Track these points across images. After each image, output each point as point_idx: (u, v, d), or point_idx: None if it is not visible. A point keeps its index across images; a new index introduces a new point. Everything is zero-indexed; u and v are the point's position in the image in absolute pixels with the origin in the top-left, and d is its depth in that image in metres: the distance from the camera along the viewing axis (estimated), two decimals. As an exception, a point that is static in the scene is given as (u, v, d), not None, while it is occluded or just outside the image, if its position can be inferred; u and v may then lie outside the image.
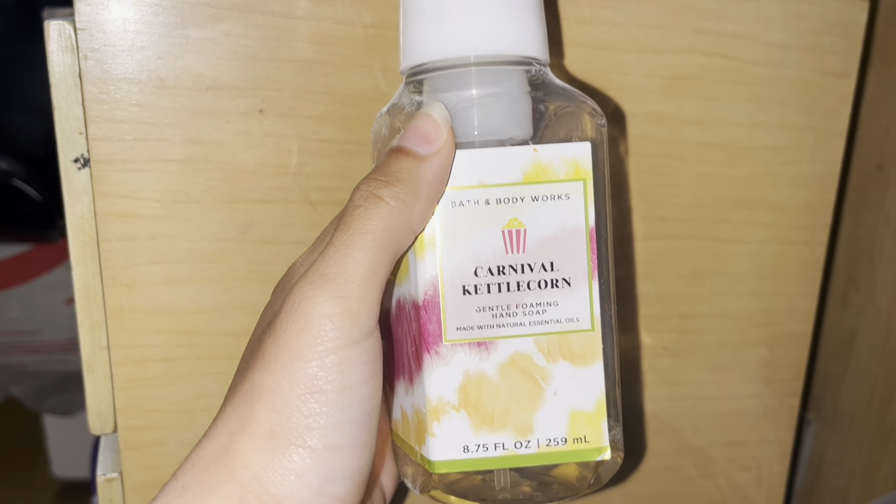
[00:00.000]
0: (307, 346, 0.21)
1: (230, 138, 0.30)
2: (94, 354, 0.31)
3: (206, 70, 0.29)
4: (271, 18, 0.29)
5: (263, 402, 0.21)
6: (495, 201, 0.24)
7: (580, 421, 0.24)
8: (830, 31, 0.35)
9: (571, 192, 0.24)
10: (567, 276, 0.24)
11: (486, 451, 0.24)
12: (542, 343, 0.24)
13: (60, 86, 0.29)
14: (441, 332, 0.24)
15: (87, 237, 0.30)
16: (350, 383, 0.21)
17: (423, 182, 0.23)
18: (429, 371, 0.24)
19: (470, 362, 0.24)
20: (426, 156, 0.23)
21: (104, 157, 0.29)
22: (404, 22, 0.25)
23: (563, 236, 0.24)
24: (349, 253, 0.22)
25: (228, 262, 0.31)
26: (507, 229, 0.24)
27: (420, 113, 0.24)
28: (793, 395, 0.40)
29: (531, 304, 0.24)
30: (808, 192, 0.37)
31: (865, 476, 0.45)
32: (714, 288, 0.37)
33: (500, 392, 0.24)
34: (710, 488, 0.39)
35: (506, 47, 0.24)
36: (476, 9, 0.24)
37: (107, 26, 0.28)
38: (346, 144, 0.31)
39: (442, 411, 0.24)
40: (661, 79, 0.34)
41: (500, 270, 0.24)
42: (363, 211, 0.22)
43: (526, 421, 0.24)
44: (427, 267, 0.24)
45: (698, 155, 0.35)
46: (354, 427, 0.22)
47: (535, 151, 0.24)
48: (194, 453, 0.22)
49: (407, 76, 0.26)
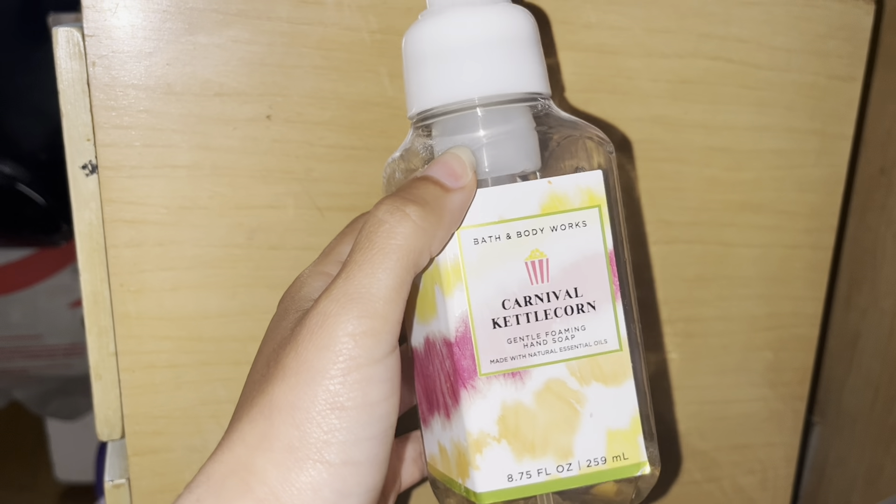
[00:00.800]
0: (329, 363, 0.21)
1: (238, 144, 0.30)
2: (101, 360, 0.31)
3: (214, 76, 0.29)
4: (279, 24, 0.29)
5: (283, 417, 0.21)
6: (516, 234, 0.24)
7: (617, 439, 0.25)
8: (835, 34, 0.35)
9: (588, 219, 0.25)
10: (591, 301, 0.25)
11: (530, 478, 0.24)
12: (573, 367, 0.25)
13: (68, 92, 0.29)
14: (475, 367, 0.24)
15: (95, 243, 0.30)
16: (370, 400, 0.22)
17: (447, 210, 0.23)
18: (467, 405, 0.24)
19: (506, 393, 0.24)
20: (452, 188, 0.23)
21: (112, 164, 0.29)
22: (408, 69, 0.26)
23: (584, 262, 0.25)
24: (374, 273, 0.22)
25: (235, 267, 0.31)
26: (530, 260, 0.24)
27: (448, 152, 0.24)
28: (798, 399, 0.40)
29: (559, 330, 0.25)
30: (814, 196, 0.37)
31: (869, 478, 0.45)
32: (719, 292, 0.37)
33: (538, 419, 0.24)
34: (716, 492, 0.39)
35: (508, 86, 0.25)
36: (477, 52, 0.24)
37: (115, 32, 0.28)
38: (354, 150, 0.31)
39: (483, 443, 0.24)
40: (666, 83, 0.34)
41: (527, 301, 0.24)
42: (388, 228, 0.22)
43: (566, 444, 0.25)
44: (456, 304, 0.24)
45: (703, 159, 0.35)
46: (372, 444, 0.22)
47: (550, 184, 0.25)
48: (209, 466, 0.22)
49: (416, 122, 0.26)
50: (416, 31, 0.25)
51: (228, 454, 0.22)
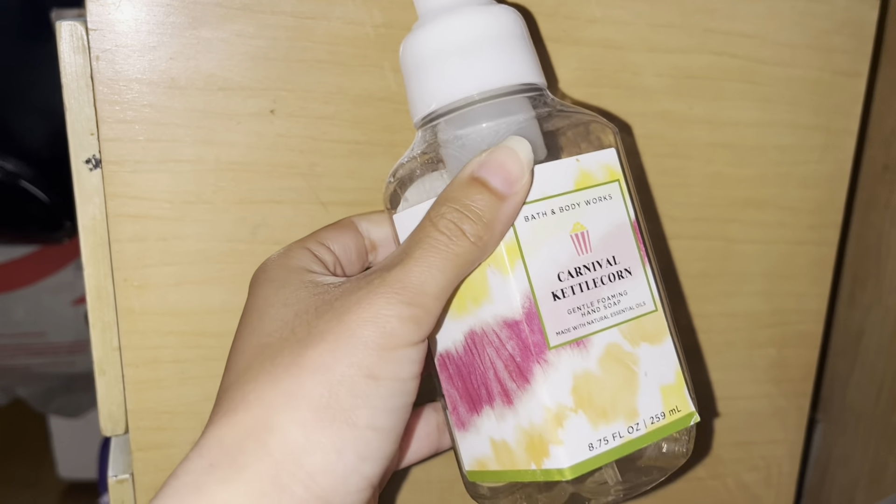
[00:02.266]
0: (372, 336, 0.22)
1: (241, 139, 0.30)
2: (105, 356, 0.31)
3: (218, 70, 0.29)
4: (282, 18, 0.29)
5: (315, 377, 0.22)
6: (559, 209, 0.25)
7: (670, 393, 0.26)
8: (840, 30, 0.35)
9: (612, 192, 0.26)
10: (628, 267, 0.26)
11: (607, 444, 0.25)
12: (625, 330, 0.26)
13: (72, 86, 0.29)
14: (545, 340, 0.25)
15: (99, 238, 0.30)
16: (401, 376, 0.23)
17: (501, 223, 0.24)
18: (541, 381, 0.24)
19: (574, 362, 0.25)
20: (506, 195, 0.24)
21: (116, 158, 0.29)
22: (408, 77, 0.27)
23: (616, 232, 0.26)
24: (429, 271, 0.23)
25: (239, 263, 0.31)
26: (574, 233, 0.26)
27: (506, 147, 0.24)
28: (802, 396, 0.39)
29: (608, 296, 0.26)
30: (818, 192, 0.37)
31: (873, 475, 0.45)
32: (723, 288, 0.37)
33: (606, 384, 0.25)
34: (720, 489, 0.39)
35: (504, 79, 0.26)
36: (469, 51, 0.25)
37: (118, 27, 0.28)
38: (357, 145, 0.31)
39: (563, 416, 0.24)
40: (670, 78, 0.34)
41: (578, 272, 0.25)
42: (446, 240, 0.23)
43: (631, 405, 0.26)
44: (519, 281, 0.25)
45: (708, 155, 0.35)
46: (395, 414, 0.23)
47: (578, 161, 0.26)
48: (218, 429, 0.22)
49: (421, 125, 0.27)
50: (410, 41, 0.26)
51: (244, 414, 0.22)
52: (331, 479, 0.21)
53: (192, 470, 0.21)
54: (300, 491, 0.21)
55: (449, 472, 0.35)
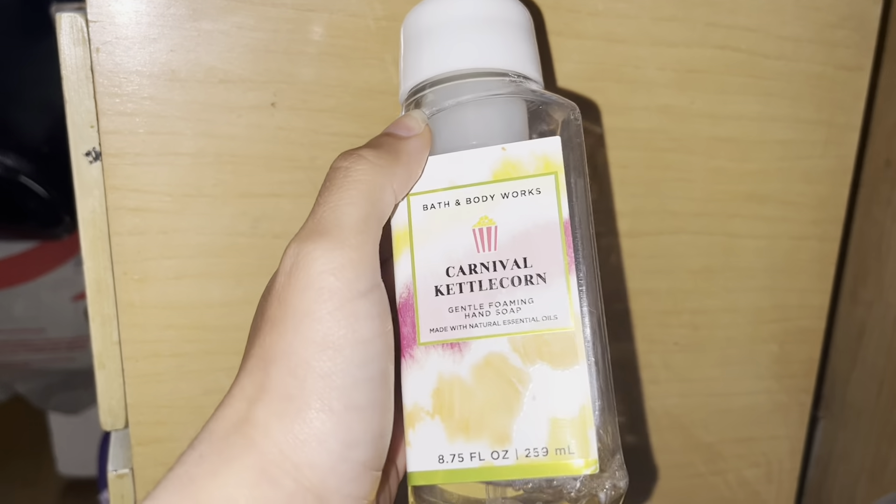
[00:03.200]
0: (313, 302, 0.21)
1: (242, 132, 0.30)
2: (105, 349, 0.31)
3: (218, 63, 0.29)
4: (283, 11, 0.29)
5: (278, 366, 0.21)
6: (465, 201, 0.24)
7: (563, 429, 0.22)
8: (844, 24, 0.35)
9: (543, 186, 0.23)
10: (542, 272, 0.23)
11: (462, 462, 0.23)
12: (517, 343, 0.23)
13: (72, 78, 0.29)
14: (415, 335, 0.23)
15: (99, 231, 0.30)
16: (361, 337, 0.21)
17: (403, 152, 0.23)
18: (405, 375, 0.23)
19: (444, 365, 0.23)
20: (405, 137, 0.24)
21: (116, 151, 0.29)
22: (404, 52, 0.26)
23: (535, 231, 0.23)
24: (338, 207, 0.22)
25: (239, 256, 0.31)
26: (478, 227, 0.23)
27: (403, 115, 0.25)
28: (804, 392, 0.39)
29: (504, 302, 0.23)
30: (821, 187, 0.37)
31: (873, 472, 0.45)
32: (726, 283, 0.37)
33: (475, 396, 0.23)
34: (720, 485, 0.39)
35: (482, 61, 0.24)
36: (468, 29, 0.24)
37: (118, 18, 0.28)
38: (358, 138, 0.31)
39: (417, 417, 0.23)
40: (673, 72, 0.33)
41: (472, 269, 0.23)
42: (345, 168, 0.22)
43: (503, 428, 0.23)
44: (402, 269, 0.24)
45: (710, 149, 0.35)
46: (371, 385, 0.21)
47: (504, 150, 0.24)
48: (212, 422, 0.22)
49: (405, 103, 0.26)
50: (410, 16, 0.26)
51: (230, 409, 0.21)
52: (317, 472, 0.21)
53: (185, 461, 0.21)
54: (289, 483, 0.20)
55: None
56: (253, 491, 0.20)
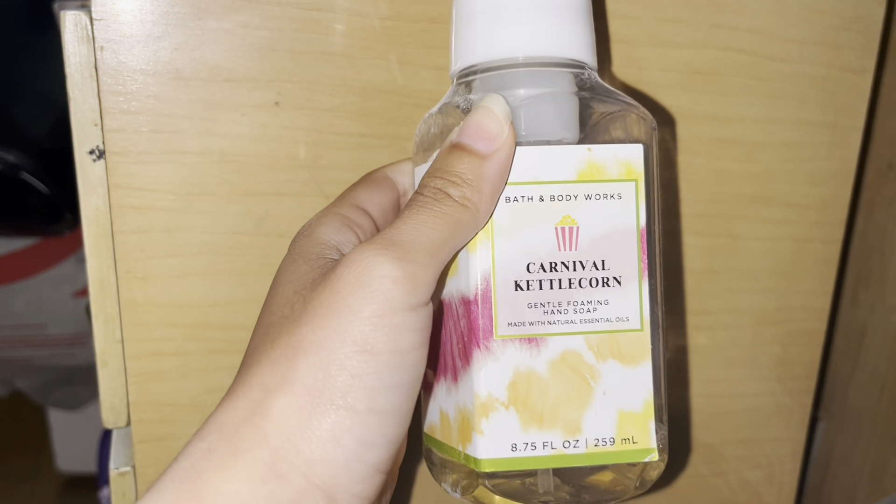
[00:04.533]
0: (365, 303, 0.21)
1: (246, 130, 0.30)
2: (108, 348, 0.31)
3: (223, 61, 0.29)
4: (288, 10, 0.29)
5: (308, 358, 0.21)
6: (549, 198, 0.24)
7: (628, 421, 0.24)
8: (848, 26, 0.35)
9: (624, 192, 0.24)
10: (618, 275, 0.24)
11: (535, 450, 0.24)
12: (591, 341, 0.24)
13: (76, 76, 0.29)
14: (492, 327, 0.24)
15: (102, 229, 0.30)
16: (401, 347, 0.21)
17: (487, 181, 0.23)
18: (478, 366, 0.24)
19: (520, 359, 0.24)
20: (487, 154, 0.23)
21: (119, 149, 0.29)
22: (457, 26, 0.25)
23: (615, 235, 0.24)
24: (418, 227, 0.22)
25: (243, 255, 0.31)
26: (561, 226, 0.24)
27: (480, 107, 0.23)
28: (805, 394, 0.39)
29: (582, 301, 0.24)
30: (824, 189, 0.37)
31: (874, 474, 0.45)
32: (728, 285, 0.37)
33: (550, 390, 0.24)
34: (722, 486, 0.39)
35: (554, 50, 0.24)
36: (526, 13, 0.24)
37: (123, 17, 0.28)
38: (362, 137, 0.31)
39: (491, 408, 0.24)
40: (677, 73, 0.33)
41: (553, 267, 0.24)
42: (433, 201, 0.23)
43: (575, 420, 0.24)
44: (480, 261, 0.24)
45: (714, 151, 0.35)
46: (399, 392, 0.21)
47: (590, 151, 0.24)
48: (221, 412, 0.21)
49: (458, 78, 0.26)
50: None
51: (244, 399, 0.21)
52: (329, 469, 0.20)
53: (191, 454, 0.21)
54: (299, 480, 0.20)
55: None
56: (261, 487, 0.20)
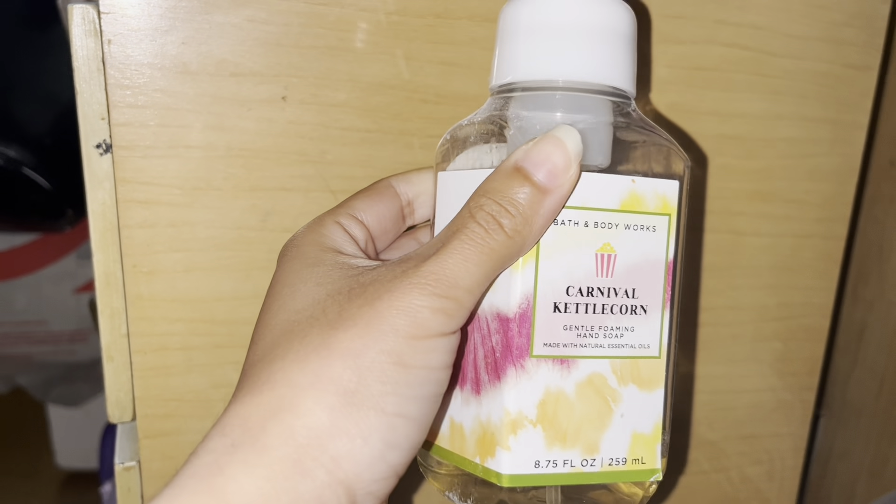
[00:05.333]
0: (404, 325, 0.22)
1: (252, 125, 0.30)
2: (113, 342, 0.31)
3: (230, 56, 0.29)
4: (295, 4, 0.29)
5: (345, 360, 0.21)
6: (593, 224, 0.24)
7: (639, 443, 0.26)
8: (851, 22, 0.35)
9: (658, 225, 0.25)
10: (645, 304, 0.25)
11: (555, 468, 0.25)
12: (616, 366, 0.25)
13: (83, 70, 0.29)
14: (529, 346, 0.24)
15: (109, 224, 0.30)
16: (431, 365, 0.22)
17: (542, 217, 0.23)
18: (512, 383, 0.24)
19: (552, 379, 0.24)
20: (550, 189, 0.23)
21: (126, 143, 0.29)
22: (500, 41, 0.26)
23: (646, 266, 0.25)
24: (464, 265, 0.22)
25: (249, 250, 0.31)
26: (601, 252, 0.25)
27: (552, 136, 0.23)
28: (807, 390, 0.39)
29: (612, 327, 0.25)
30: (826, 186, 0.37)
31: (873, 470, 0.45)
32: (730, 281, 0.37)
33: (575, 410, 0.25)
34: (723, 482, 0.39)
35: (594, 76, 0.25)
36: (570, 36, 0.24)
37: (130, 10, 0.28)
38: (369, 133, 0.31)
39: (520, 425, 0.24)
40: (681, 69, 0.34)
41: (590, 292, 0.25)
42: (483, 233, 0.23)
43: (594, 439, 0.25)
44: (524, 280, 0.24)
45: (716, 146, 0.35)
46: (425, 403, 0.22)
47: (633, 182, 0.25)
48: (242, 408, 0.22)
49: (496, 93, 0.26)
50: (513, 5, 0.25)
51: (269, 395, 0.21)
52: (355, 465, 0.21)
53: (213, 449, 0.21)
54: (323, 475, 0.21)
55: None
56: (283, 483, 0.20)
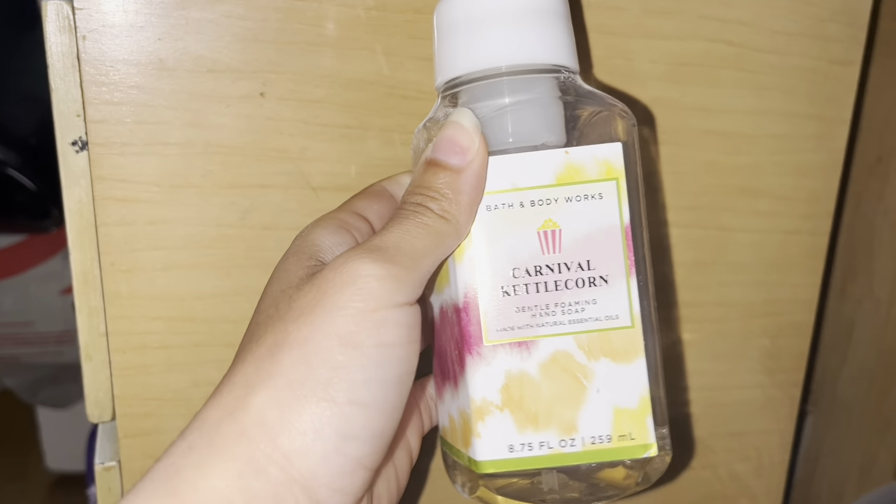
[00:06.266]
0: (349, 298, 0.21)
1: (230, 122, 0.29)
2: (92, 341, 0.31)
3: (207, 52, 0.29)
4: (272, 0, 0.29)
5: (292, 352, 0.21)
6: (529, 203, 0.24)
7: (625, 418, 0.25)
8: (836, 18, 0.35)
9: (605, 191, 0.25)
10: (604, 274, 0.25)
11: (532, 450, 0.24)
12: (582, 341, 0.25)
13: (58, 66, 0.29)
14: (482, 334, 0.24)
15: (86, 221, 0.30)
16: (385, 341, 0.22)
17: (463, 193, 0.24)
18: (471, 372, 0.24)
19: (511, 362, 0.24)
20: (462, 167, 0.24)
21: (103, 140, 0.29)
22: (439, 39, 0.26)
23: (598, 235, 0.25)
24: (403, 236, 0.23)
25: (228, 247, 0.30)
26: (543, 230, 0.24)
27: (449, 122, 0.24)
28: (794, 386, 0.39)
29: (569, 302, 0.24)
30: (812, 181, 0.37)
31: (863, 467, 0.45)
32: (717, 277, 0.37)
33: (543, 391, 0.24)
34: (711, 479, 0.39)
35: (535, 56, 0.25)
36: (506, 22, 0.25)
37: (105, 6, 0.28)
38: (348, 129, 0.31)
39: (486, 411, 0.24)
40: (665, 65, 0.33)
41: (538, 271, 0.24)
42: (415, 214, 0.23)
43: (570, 419, 0.24)
44: (466, 270, 0.24)
45: (702, 142, 0.35)
46: (383, 386, 0.22)
47: (567, 154, 0.24)
48: (205, 410, 0.22)
49: (443, 90, 0.26)
50: (446, 2, 0.25)
51: (227, 396, 0.21)
52: (308, 461, 0.21)
53: (172, 452, 0.21)
54: (276, 473, 0.20)
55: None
56: (237, 482, 0.20)
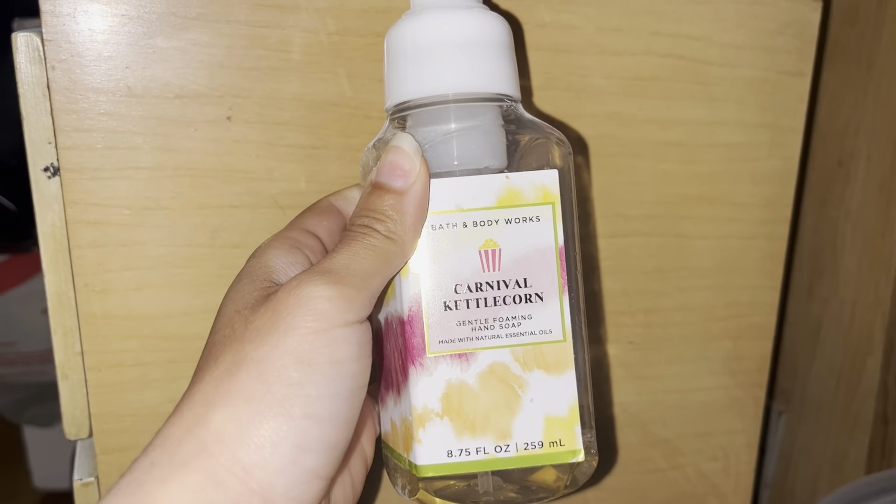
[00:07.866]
0: (301, 319, 0.23)
1: (199, 145, 0.30)
2: (67, 360, 0.32)
3: (174, 78, 0.30)
4: (237, 27, 0.30)
5: (249, 371, 0.22)
6: (472, 224, 0.26)
7: (555, 425, 0.26)
8: (784, 30, 0.36)
9: (541, 214, 0.26)
10: (539, 292, 0.26)
11: (469, 456, 0.26)
12: (518, 353, 0.26)
13: (29, 96, 0.29)
14: (425, 345, 0.26)
15: (59, 245, 0.31)
16: (337, 358, 0.23)
17: (407, 214, 0.25)
18: (414, 381, 0.26)
19: (452, 373, 0.26)
20: (404, 189, 0.25)
21: (74, 166, 0.29)
22: (389, 64, 0.27)
23: (535, 255, 0.26)
24: (352, 258, 0.24)
25: (199, 266, 0.31)
26: (484, 249, 0.26)
27: (391, 147, 0.26)
28: (758, 386, 0.40)
29: (507, 317, 0.26)
30: (767, 188, 0.38)
31: (834, 463, 0.46)
32: (678, 283, 0.38)
33: (480, 400, 0.26)
34: (680, 479, 0.40)
35: (481, 85, 0.26)
36: (454, 51, 0.26)
37: (74, 37, 0.29)
38: (314, 149, 0.31)
39: (427, 419, 0.26)
40: (620, 80, 0.34)
41: (479, 287, 0.26)
42: (362, 236, 0.25)
43: (505, 426, 0.26)
44: (411, 285, 0.26)
45: (658, 153, 0.36)
46: (336, 401, 0.23)
47: (508, 178, 0.26)
48: (166, 428, 0.22)
49: (392, 113, 0.28)
50: (398, 28, 0.27)
51: (187, 414, 0.22)
52: (266, 473, 0.22)
53: (136, 468, 0.22)
54: (236, 485, 0.21)
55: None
56: (199, 495, 0.21)
